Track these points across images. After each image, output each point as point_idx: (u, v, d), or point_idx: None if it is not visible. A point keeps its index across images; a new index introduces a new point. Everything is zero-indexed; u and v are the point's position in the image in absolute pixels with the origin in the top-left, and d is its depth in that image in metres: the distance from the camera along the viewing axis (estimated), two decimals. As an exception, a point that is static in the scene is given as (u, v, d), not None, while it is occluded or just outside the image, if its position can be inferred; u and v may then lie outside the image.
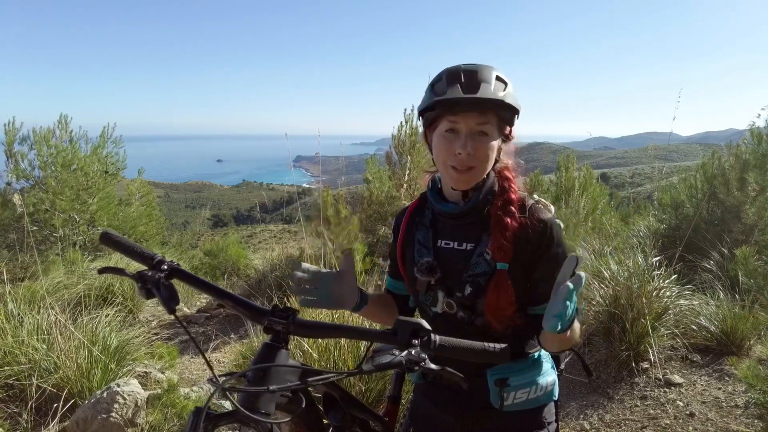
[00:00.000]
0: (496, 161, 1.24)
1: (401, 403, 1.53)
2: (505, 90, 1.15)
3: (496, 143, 1.18)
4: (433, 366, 0.90)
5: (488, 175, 1.24)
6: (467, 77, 1.14)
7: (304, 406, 0.98)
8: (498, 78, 1.16)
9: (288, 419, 0.98)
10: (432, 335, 0.91)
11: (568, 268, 0.98)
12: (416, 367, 0.88)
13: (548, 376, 1.29)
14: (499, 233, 1.17)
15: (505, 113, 1.17)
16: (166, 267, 1.07)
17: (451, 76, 1.16)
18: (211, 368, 0.90)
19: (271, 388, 0.86)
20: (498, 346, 0.92)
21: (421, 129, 1.30)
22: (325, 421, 1.17)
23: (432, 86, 1.20)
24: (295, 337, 1.08)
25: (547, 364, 1.32)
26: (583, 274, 0.96)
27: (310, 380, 0.93)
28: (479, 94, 1.12)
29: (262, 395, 0.89)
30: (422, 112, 1.22)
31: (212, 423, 0.87)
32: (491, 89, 1.13)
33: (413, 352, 0.88)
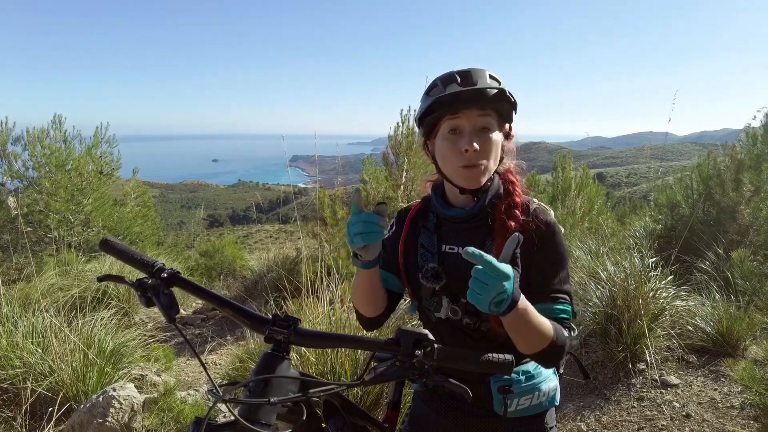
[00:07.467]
0: (501, 159, 1.23)
1: (401, 409, 1.53)
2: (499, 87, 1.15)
3: (499, 138, 1.18)
4: (436, 377, 0.89)
5: (493, 177, 1.23)
6: (462, 76, 1.15)
7: (305, 416, 0.97)
8: (491, 77, 1.16)
9: (289, 430, 0.97)
10: (435, 345, 0.90)
11: (510, 248, 0.95)
12: (418, 377, 0.88)
13: (550, 381, 1.29)
14: (502, 239, 1.16)
15: (502, 107, 1.16)
16: (166, 275, 1.06)
17: (445, 79, 1.16)
18: (211, 379, 0.89)
19: (272, 400, 0.85)
20: (502, 357, 0.91)
21: (417, 135, 1.29)
22: (323, 425, 1.17)
23: (428, 93, 1.19)
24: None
25: (549, 369, 1.31)
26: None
27: (311, 391, 0.92)
28: (479, 86, 1.12)
29: (262, 406, 0.88)
30: (422, 120, 1.20)
31: (213, 433, 0.86)
32: (487, 83, 1.13)
33: (416, 363, 0.88)
